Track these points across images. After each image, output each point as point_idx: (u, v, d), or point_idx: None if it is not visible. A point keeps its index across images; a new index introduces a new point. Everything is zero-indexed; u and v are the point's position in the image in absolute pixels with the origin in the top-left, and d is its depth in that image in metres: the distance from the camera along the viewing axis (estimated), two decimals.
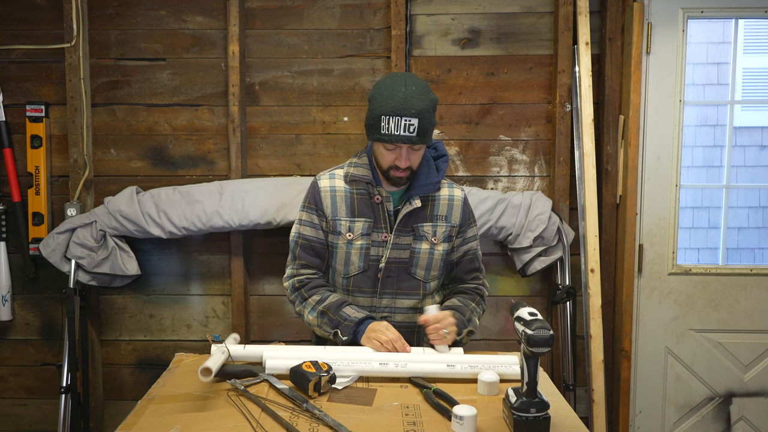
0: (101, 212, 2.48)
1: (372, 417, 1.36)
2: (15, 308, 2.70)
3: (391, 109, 1.64)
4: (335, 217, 1.79)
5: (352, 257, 1.79)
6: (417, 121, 1.65)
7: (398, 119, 1.64)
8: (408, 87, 1.67)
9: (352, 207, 1.79)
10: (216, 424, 1.32)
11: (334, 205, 1.80)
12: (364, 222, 1.78)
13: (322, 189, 1.81)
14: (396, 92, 1.66)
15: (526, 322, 1.28)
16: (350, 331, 1.70)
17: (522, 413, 1.27)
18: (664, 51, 2.59)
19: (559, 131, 2.57)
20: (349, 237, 1.78)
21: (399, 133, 1.65)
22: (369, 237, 1.78)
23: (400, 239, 1.79)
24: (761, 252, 3.38)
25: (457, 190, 1.88)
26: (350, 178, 1.81)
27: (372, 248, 1.79)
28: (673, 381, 2.71)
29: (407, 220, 1.79)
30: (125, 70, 2.63)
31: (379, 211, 1.79)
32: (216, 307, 2.71)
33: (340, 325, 1.72)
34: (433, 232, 1.81)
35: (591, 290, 2.49)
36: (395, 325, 1.76)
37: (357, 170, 1.81)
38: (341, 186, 1.81)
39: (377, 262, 1.79)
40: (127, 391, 2.73)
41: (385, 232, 1.79)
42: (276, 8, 2.61)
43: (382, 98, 1.67)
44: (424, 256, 1.81)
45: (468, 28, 2.61)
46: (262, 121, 2.65)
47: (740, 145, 3.40)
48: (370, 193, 1.80)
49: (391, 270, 1.80)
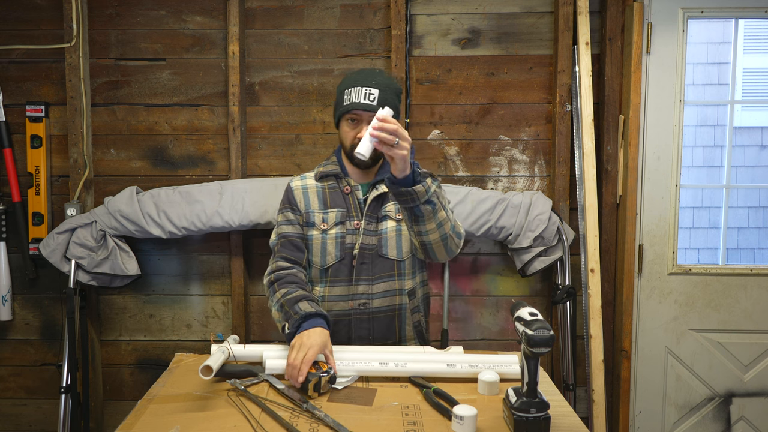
0: (101, 212, 2.48)
1: (372, 417, 1.36)
2: (15, 308, 2.70)
3: (353, 82, 1.79)
4: (308, 209, 1.87)
5: (328, 247, 1.85)
6: (377, 91, 1.76)
7: (359, 89, 1.77)
8: (372, 70, 1.85)
9: (324, 200, 1.88)
10: (216, 424, 1.32)
11: (307, 199, 1.89)
12: (337, 211, 1.85)
13: (294, 189, 1.91)
14: (360, 72, 1.84)
15: (527, 323, 1.28)
16: (295, 325, 1.61)
17: (522, 413, 1.27)
18: (664, 51, 2.59)
19: (559, 131, 2.57)
20: (323, 227, 1.85)
21: (359, 100, 1.76)
22: (343, 225, 1.85)
23: (370, 225, 1.84)
24: (761, 252, 3.38)
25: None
26: (320, 175, 1.91)
27: (347, 236, 1.84)
28: (673, 381, 2.71)
29: (375, 206, 1.85)
30: (125, 70, 2.63)
31: (350, 201, 1.86)
32: (216, 307, 2.71)
33: (289, 318, 1.64)
34: (396, 209, 1.85)
35: (591, 290, 2.49)
36: (374, 311, 1.82)
37: (326, 168, 1.91)
38: (312, 183, 1.91)
39: (351, 250, 1.84)
40: (127, 391, 2.73)
41: (356, 219, 1.85)
42: (276, 8, 2.61)
43: (346, 79, 1.84)
44: (391, 234, 1.84)
45: (468, 28, 2.61)
46: (262, 121, 2.65)
47: (740, 145, 3.40)
48: (340, 186, 1.88)
49: (365, 256, 1.83)
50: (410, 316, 1.88)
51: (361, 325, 1.83)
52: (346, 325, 1.84)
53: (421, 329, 1.92)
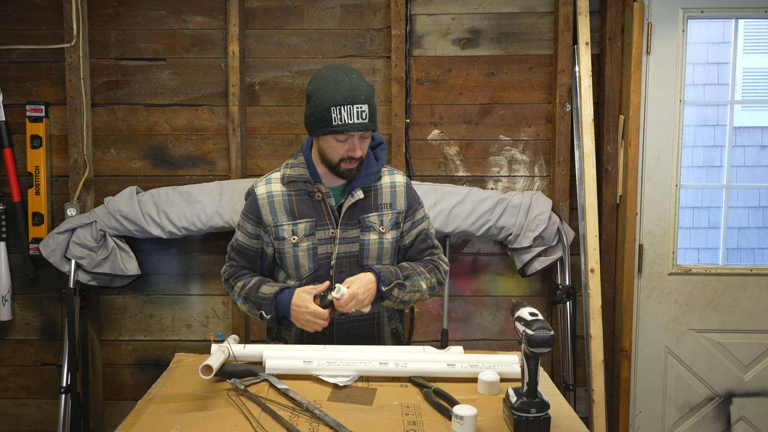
0: (101, 212, 2.48)
1: (372, 417, 1.36)
2: (15, 308, 2.70)
3: (342, 99, 1.63)
4: (277, 223, 1.77)
5: (300, 260, 1.77)
6: (367, 107, 1.66)
7: (350, 107, 1.63)
8: (350, 75, 1.67)
9: (291, 210, 1.76)
10: (216, 424, 1.32)
11: (273, 212, 1.77)
12: (306, 222, 1.76)
13: (259, 197, 1.79)
14: (341, 82, 1.65)
15: (527, 323, 1.28)
16: (271, 308, 1.72)
17: (522, 413, 1.27)
18: (664, 51, 2.59)
19: (559, 131, 2.57)
20: (293, 240, 1.76)
21: (353, 121, 1.64)
22: (314, 236, 1.76)
23: (347, 233, 1.77)
24: (761, 252, 3.38)
25: (398, 176, 1.85)
26: (287, 179, 1.78)
27: (320, 247, 1.76)
28: (673, 381, 2.71)
29: (351, 213, 1.77)
30: (125, 70, 2.63)
31: (322, 208, 1.76)
32: (216, 307, 2.71)
33: (262, 306, 1.73)
34: (380, 222, 1.79)
35: (591, 290, 2.49)
36: (355, 318, 1.78)
37: (294, 170, 1.78)
38: (278, 190, 1.78)
39: (328, 260, 1.78)
40: (127, 391, 2.73)
41: (331, 228, 1.76)
42: (276, 8, 2.61)
43: (327, 90, 1.65)
44: (373, 247, 1.79)
45: (468, 28, 2.61)
46: (262, 121, 2.65)
47: (740, 145, 3.40)
48: (310, 192, 1.77)
49: (343, 265, 1.78)
50: (387, 323, 1.87)
51: (342, 333, 1.81)
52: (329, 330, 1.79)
53: (398, 335, 1.92)
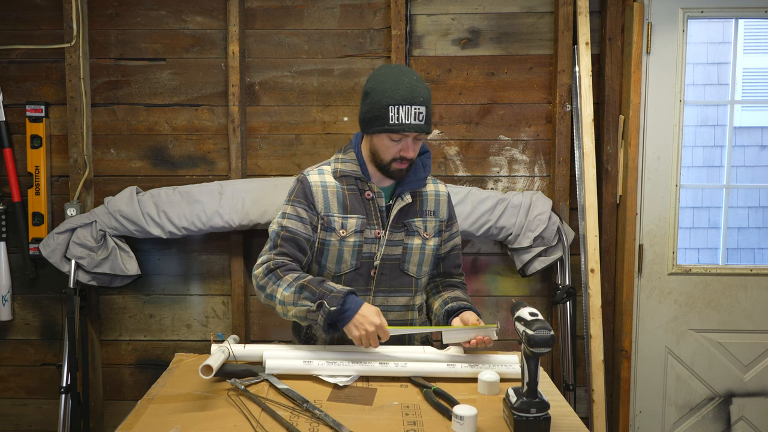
0: (101, 212, 2.48)
1: (372, 417, 1.36)
2: (15, 308, 2.70)
3: (401, 98, 1.63)
4: (328, 212, 1.73)
5: (344, 255, 1.74)
6: (425, 109, 1.65)
7: (408, 108, 1.63)
8: (410, 76, 1.67)
9: (344, 203, 1.74)
10: (216, 424, 1.32)
11: (326, 200, 1.74)
12: (357, 219, 1.73)
13: (312, 184, 1.75)
14: (400, 81, 1.65)
15: (527, 323, 1.28)
16: (338, 302, 1.55)
17: (522, 413, 1.27)
18: (664, 51, 2.59)
19: (559, 131, 2.57)
20: (342, 234, 1.73)
21: (410, 121, 1.64)
22: (362, 234, 1.74)
23: (393, 235, 1.76)
24: (761, 252, 3.38)
25: (441, 185, 1.90)
26: (339, 173, 1.76)
27: (365, 245, 1.74)
28: (673, 381, 2.71)
29: (399, 216, 1.77)
30: (125, 70, 2.63)
31: (371, 207, 1.75)
32: (216, 307, 2.71)
33: (324, 296, 1.57)
34: (424, 227, 1.80)
35: (591, 290, 2.49)
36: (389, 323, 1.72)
37: (345, 166, 1.77)
38: (331, 181, 1.76)
39: (370, 260, 1.76)
40: (127, 391, 2.73)
41: (377, 228, 1.75)
42: (276, 8, 2.61)
43: (387, 89, 1.65)
44: (416, 252, 1.79)
45: (468, 28, 2.61)
46: (262, 121, 2.65)
47: (740, 145, 3.40)
48: (361, 189, 1.76)
49: (385, 267, 1.77)
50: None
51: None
52: None
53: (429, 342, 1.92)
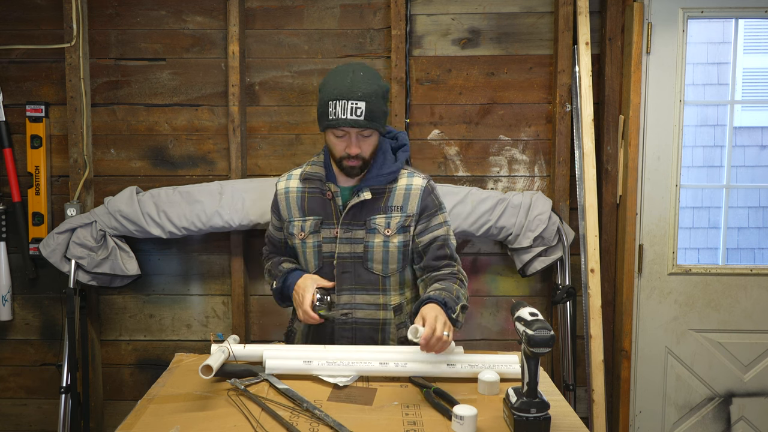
0: (101, 212, 2.48)
1: (372, 417, 1.36)
2: (15, 308, 2.70)
3: (338, 94, 1.66)
4: (290, 218, 1.85)
5: (307, 256, 1.82)
6: (364, 104, 1.66)
7: (344, 103, 1.66)
8: (355, 73, 1.69)
9: (302, 206, 1.82)
10: (216, 424, 1.32)
11: (288, 207, 1.85)
12: (313, 219, 1.80)
13: (278, 192, 1.89)
14: (343, 78, 1.68)
15: (527, 323, 1.28)
16: (281, 280, 1.84)
17: (522, 413, 1.27)
18: (664, 51, 2.59)
19: (559, 131, 2.57)
20: (301, 236, 1.82)
21: (346, 116, 1.66)
22: (319, 234, 1.79)
23: (352, 233, 1.77)
24: (761, 252, 3.38)
25: (417, 178, 1.82)
26: (304, 176, 1.85)
27: (324, 245, 1.79)
28: (673, 381, 2.71)
29: (357, 213, 1.76)
30: (125, 70, 2.63)
31: (330, 207, 1.79)
32: (216, 307, 2.71)
33: (276, 277, 1.87)
34: (386, 224, 1.77)
35: (591, 290, 2.49)
36: (357, 321, 1.78)
37: (312, 168, 1.85)
38: (294, 186, 1.85)
39: (331, 259, 1.79)
40: (127, 391, 2.73)
41: (336, 227, 1.78)
42: (276, 8, 2.61)
43: (330, 85, 1.70)
44: (378, 250, 1.77)
45: (468, 28, 2.61)
46: (262, 121, 2.65)
47: (740, 145, 3.40)
48: (322, 190, 1.81)
49: (347, 265, 1.78)
50: (395, 331, 1.82)
51: (344, 333, 1.79)
52: (330, 330, 1.80)
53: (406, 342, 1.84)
